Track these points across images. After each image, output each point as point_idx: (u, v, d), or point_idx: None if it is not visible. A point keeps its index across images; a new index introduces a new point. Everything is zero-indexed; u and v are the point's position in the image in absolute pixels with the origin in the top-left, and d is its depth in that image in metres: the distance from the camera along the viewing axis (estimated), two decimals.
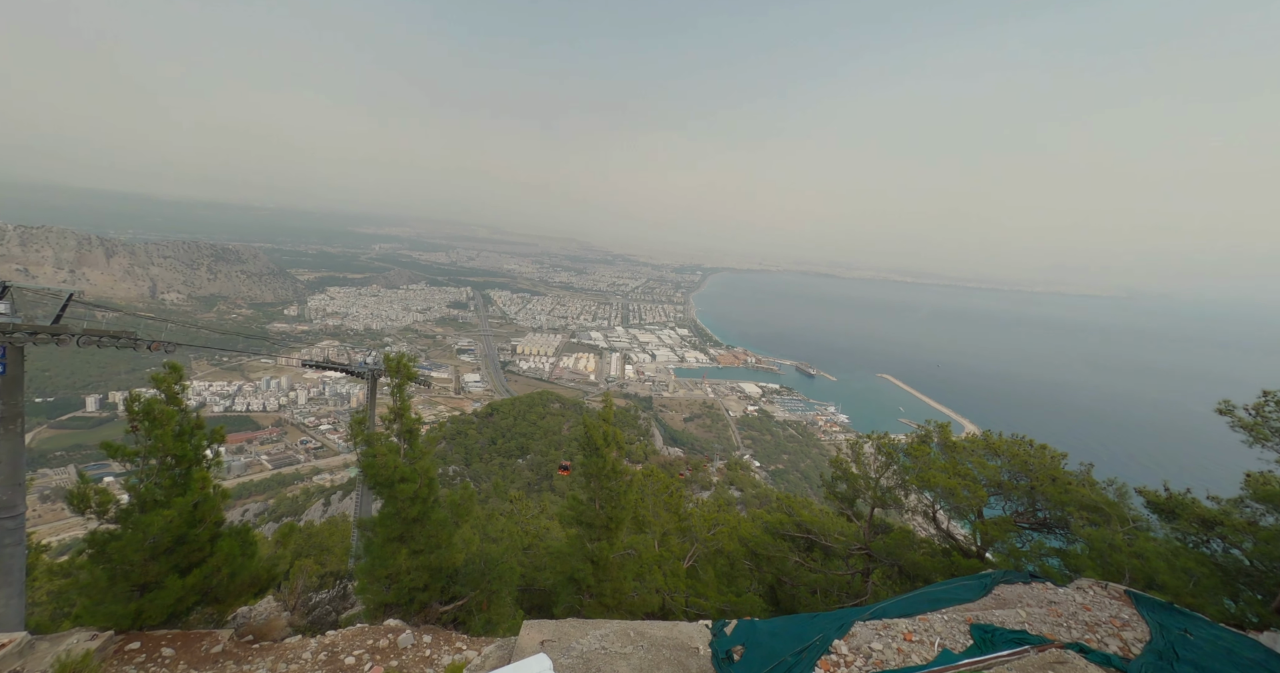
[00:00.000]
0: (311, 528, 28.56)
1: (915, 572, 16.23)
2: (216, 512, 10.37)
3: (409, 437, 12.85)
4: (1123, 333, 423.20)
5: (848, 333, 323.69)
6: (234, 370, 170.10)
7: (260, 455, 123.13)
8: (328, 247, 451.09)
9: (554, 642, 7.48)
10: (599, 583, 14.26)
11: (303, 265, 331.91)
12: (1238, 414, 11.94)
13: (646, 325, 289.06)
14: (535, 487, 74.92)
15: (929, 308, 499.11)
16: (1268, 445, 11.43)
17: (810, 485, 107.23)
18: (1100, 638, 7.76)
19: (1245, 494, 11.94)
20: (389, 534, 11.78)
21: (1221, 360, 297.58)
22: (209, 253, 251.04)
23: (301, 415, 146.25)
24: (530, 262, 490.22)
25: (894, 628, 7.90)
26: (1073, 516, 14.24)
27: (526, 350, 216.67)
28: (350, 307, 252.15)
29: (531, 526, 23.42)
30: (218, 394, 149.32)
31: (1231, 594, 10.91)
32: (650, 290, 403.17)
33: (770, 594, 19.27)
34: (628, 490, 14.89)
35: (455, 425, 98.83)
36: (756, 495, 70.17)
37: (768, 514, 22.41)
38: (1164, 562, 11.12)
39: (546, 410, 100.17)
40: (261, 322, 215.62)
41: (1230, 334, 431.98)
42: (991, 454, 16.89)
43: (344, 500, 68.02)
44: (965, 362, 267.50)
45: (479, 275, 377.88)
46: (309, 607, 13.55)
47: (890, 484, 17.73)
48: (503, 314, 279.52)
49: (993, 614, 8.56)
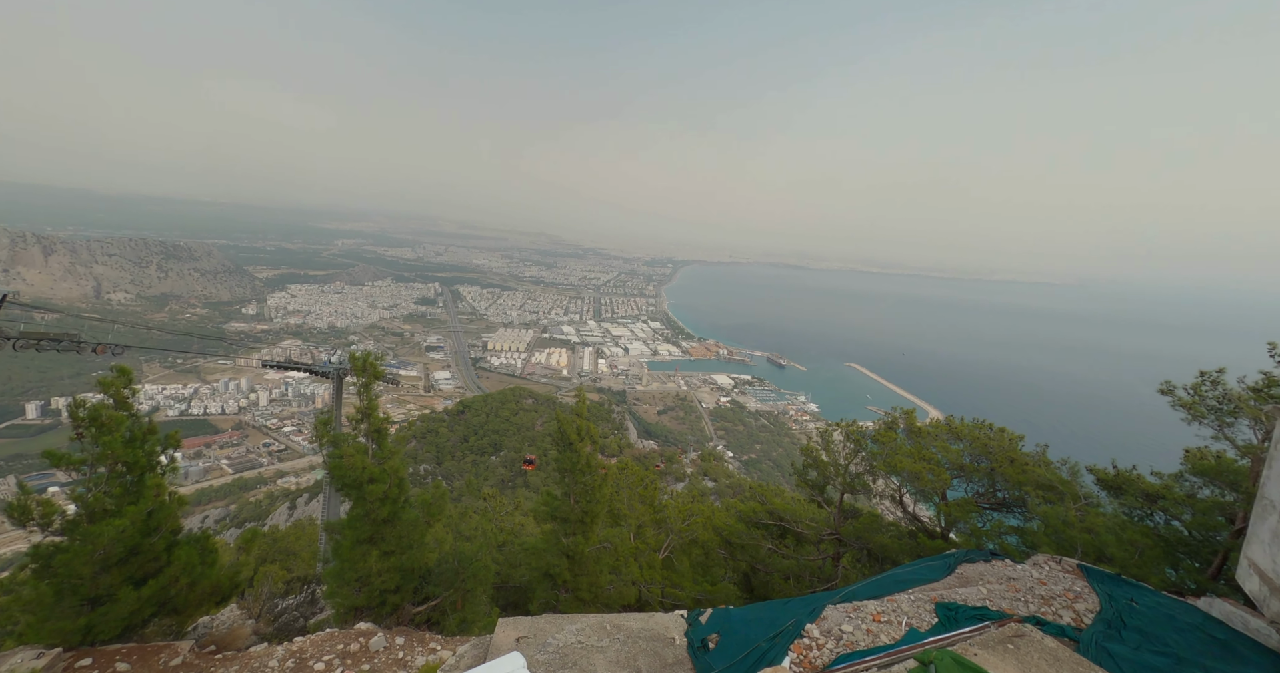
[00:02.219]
0: (277, 533, 27.71)
1: (884, 554, 16.74)
2: (173, 519, 9.95)
3: (377, 436, 12.56)
4: (1075, 318, 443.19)
5: (817, 323, 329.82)
6: (189, 373, 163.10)
7: (220, 460, 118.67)
8: (287, 243, 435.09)
9: (530, 638, 7.45)
10: (575, 578, 14.25)
11: (261, 262, 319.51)
12: (1178, 394, 12.64)
13: (619, 319, 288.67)
14: (509, 484, 74.34)
15: (894, 297, 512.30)
16: (1204, 422, 12.14)
17: (782, 474, 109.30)
18: (1055, 610, 8.15)
19: (1184, 469, 12.67)
20: (358, 536, 11.52)
21: (1164, 343, 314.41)
22: (158, 250, 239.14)
23: (263, 417, 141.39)
24: (500, 256, 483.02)
25: (863, 610, 8.12)
26: (1030, 495, 14.89)
27: (498, 346, 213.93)
28: (313, 305, 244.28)
29: (506, 522, 23.23)
30: (172, 397, 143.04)
31: (1173, 564, 11.59)
32: (622, 284, 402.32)
33: (745, 582, 19.60)
34: (602, 484, 14.89)
35: (426, 424, 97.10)
36: (730, 485, 71.15)
37: (741, 504, 22.74)
38: (1112, 536, 11.73)
39: (519, 407, 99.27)
40: (218, 321, 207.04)
41: (1172, 318, 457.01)
42: (954, 438, 17.49)
43: (311, 504, 66.16)
44: (929, 349, 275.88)
45: (447, 271, 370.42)
46: (275, 614, 13.17)
47: (859, 470, 18.20)
48: (473, 310, 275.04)
49: (956, 593, 8.89)
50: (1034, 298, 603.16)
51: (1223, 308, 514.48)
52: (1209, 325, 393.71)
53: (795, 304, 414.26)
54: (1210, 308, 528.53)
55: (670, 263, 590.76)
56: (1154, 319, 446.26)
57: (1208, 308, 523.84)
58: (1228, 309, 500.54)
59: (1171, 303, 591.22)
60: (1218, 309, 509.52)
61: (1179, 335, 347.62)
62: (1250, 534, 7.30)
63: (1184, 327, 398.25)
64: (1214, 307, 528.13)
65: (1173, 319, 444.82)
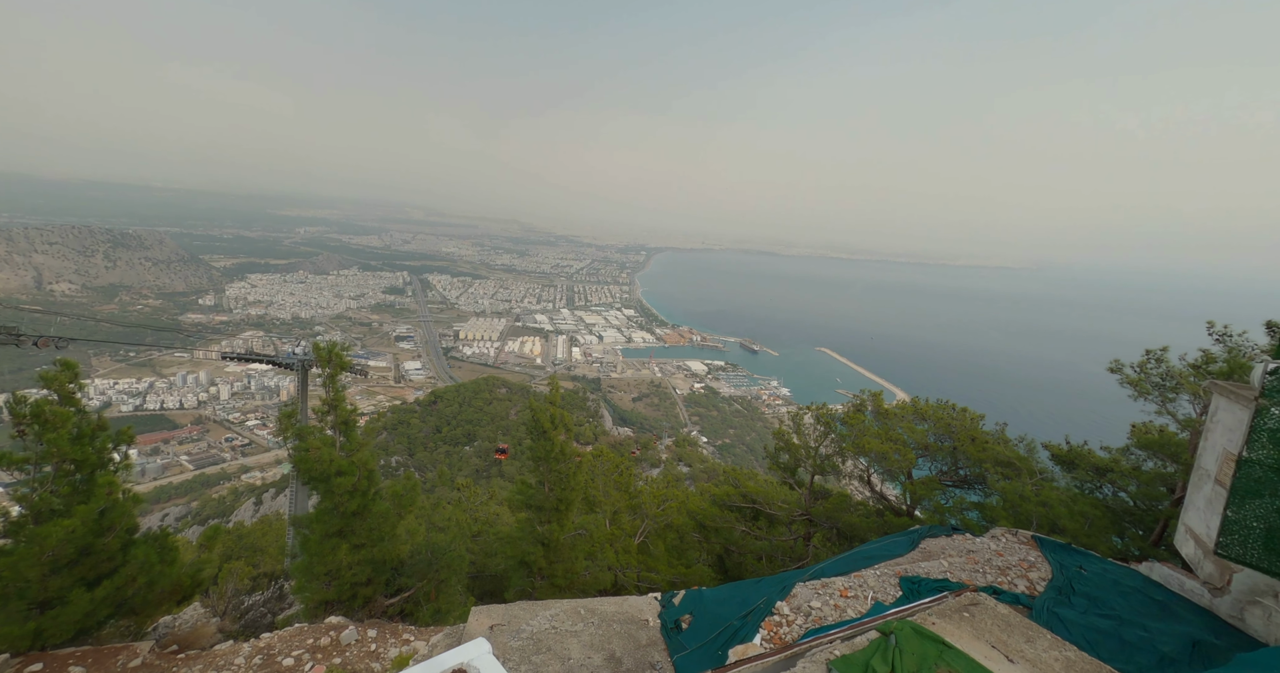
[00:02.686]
0: (242, 529, 26.98)
1: (852, 533, 17.25)
2: (128, 518, 9.55)
3: (345, 428, 12.29)
4: (1033, 301, 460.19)
5: (788, 309, 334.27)
6: (143, 366, 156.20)
7: (179, 456, 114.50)
8: (245, 230, 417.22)
9: (504, 625, 7.45)
10: (550, 565, 14.29)
11: (217, 251, 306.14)
12: (1125, 372, 13.26)
13: (592, 307, 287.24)
14: (484, 473, 73.84)
15: (862, 283, 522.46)
16: (1149, 399, 12.78)
17: (755, 457, 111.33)
18: (1010, 580, 8.54)
19: (1131, 443, 13.35)
20: (327, 530, 11.30)
21: (1114, 324, 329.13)
22: (105, 238, 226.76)
23: (225, 411, 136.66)
24: (470, 244, 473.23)
25: (831, 586, 8.36)
26: (989, 471, 15.49)
27: (470, 335, 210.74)
28: (275, 294, 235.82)
29: (480, 512, 23.09)
30: (125, 392, 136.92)
31: (1119, 532, 12.26)
32: (595, 271, 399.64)
33: (719, 564, 19.98)
34: (577, 472, 14.90)
35: (397, 415, 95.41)
36: (704, 470, 72.17)
37: (715, 487, 23.07)
38: (1065, 508, 12.32)
39: (493, 396, 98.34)
40: (173, 313, 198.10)
41: (1121, 300, 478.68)
42: (919, 419, 18.03)
43: (278, 499, 64.59)
44: (896, 333, 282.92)
45: (416, 259, 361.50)
46: (241, 611, 12.86)
47: (829, 452, 18.64)
48: (443, 299, 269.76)
49: (919, 566, 9.23)
50: (994, 282, 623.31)
51: (1167, 292, 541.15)
52: (1154, 307, 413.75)
53: (767, 290, 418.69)
54: (1155, 291, 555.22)
55: (644, 250, 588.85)
56: (1104, 301, 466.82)
57: (1153, 291, 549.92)
58: (1172, 293, 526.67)
59: (1120, 286, 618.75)
60: (1162, 293, 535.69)
61: (1124, 316, 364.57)
62: (1187, 502, 7.75)
63: (1132, 308, 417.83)
64: (1159, 290, 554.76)
65: (1122, 301, 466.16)
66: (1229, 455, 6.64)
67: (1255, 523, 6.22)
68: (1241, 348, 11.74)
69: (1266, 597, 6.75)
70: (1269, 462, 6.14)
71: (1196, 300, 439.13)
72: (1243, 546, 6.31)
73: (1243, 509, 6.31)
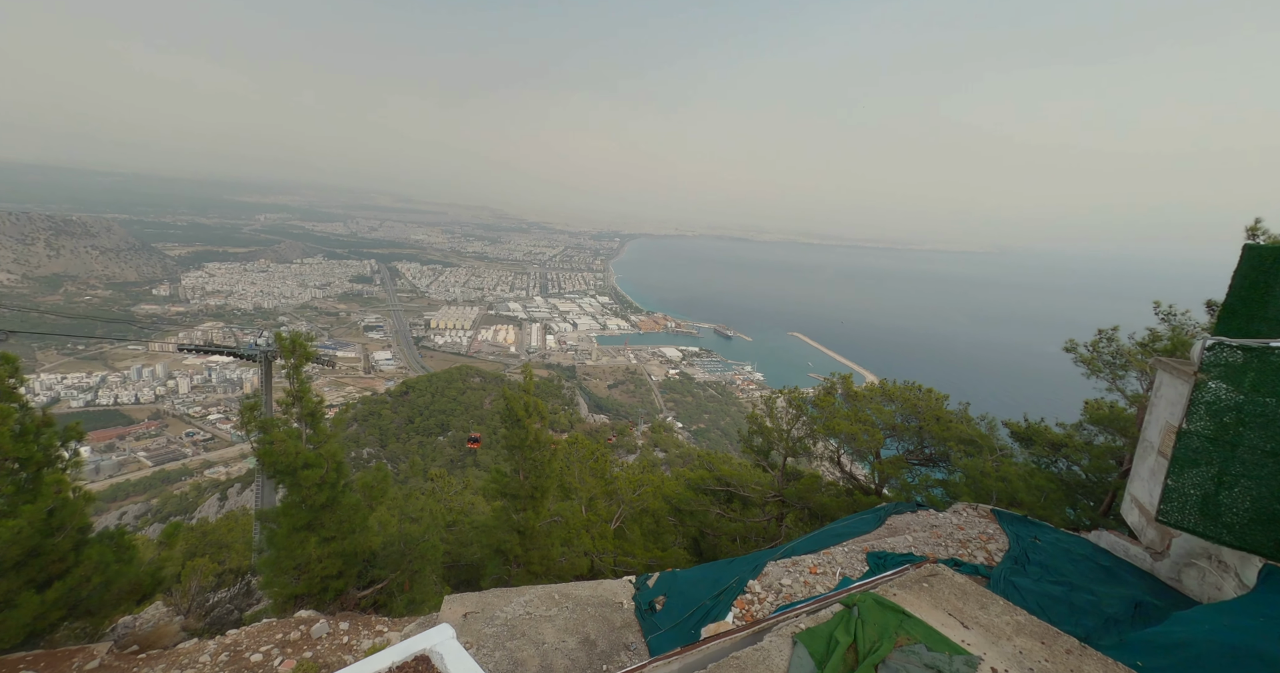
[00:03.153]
0: (206, 525, 26.23)
1: (823, 512, 17.70)
2: (79, 517, 9.16)
3: (311, 420, 11.99)
4: (994, 283, 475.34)
5: (761, 294, 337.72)
6: (94, 360, 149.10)
7: (137, 452, 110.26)
8: (201, 217, 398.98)
9: (477, 613, 7.44)
10: (526, 552, 14.32)
11: (171, 239, 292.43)
12: (1079, 351, 13.82)
13: (566, 294, 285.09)
14: (458, 463, 73.22)
15: (833, 268, 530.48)
16: (1101, 376, 13.37)
17: (730, 441, 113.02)
18: (971, 552, 8.91)
19: (1084, 419, 13.97)
20: (295, 523, 11.06)
21: (1070, 305, 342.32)
22: (46, 226, 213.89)
23: (185, 405, 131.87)
24: (440, 231, 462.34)
25: (801, 564, 8.59)
26: (953, 449, 16.02)
27: (441, 325, 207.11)
28: (235, 284, 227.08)
29: (455, 502, 22.95)
30: (75, 387, 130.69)
31: (1071, 504, 12.87)
32: (569, 259, 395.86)
33: (694, 546, 20.31)
34: (552, 459, 14.90)
35: (367, 406, 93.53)
36: (680, 455, 72.97)
37: (690, 472, 23.36)
38: (1022, 482, 12.86)
39: (466, 385, 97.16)
40: (125, 304, 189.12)
41: (1076, 283, 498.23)
42: (887, 400, 18.51)
43: (244, 493, 62.92)
44: (865, 316, 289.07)
45: (384, 247, 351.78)
46: (206, 608, 12.54)
47: (800, 434, 19.01)
48: (413, 287, 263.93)
49: (885, 542, 9.54)
50: (958, 265, 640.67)
51: (1117, 275, 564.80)
52: (1107, 289, 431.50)
53: (740, 276, 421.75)
54: (1107, 275, 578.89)
55: (617, 237, 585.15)
56: (1059, 284, 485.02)
57: (1105, 275, 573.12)
58: (1124, 276, 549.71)
59: (1076, 270, 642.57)
60: (1113, 276, 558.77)
61: (1079, 297, 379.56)
62: (1133, 473, 8.17)
63: (1083, 289, 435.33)
64: (1110, 274, 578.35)
65: (1074, 284, 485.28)
66: (1170, 428, 7.01)
67: (1193, 491, 6.59)
68: (1185, 326, 12.35)
69: (1201, 559, 7.19)
70: (1206, 433, 6.50)
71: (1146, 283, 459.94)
72: (1181, 512, 6.69)
73: (1182, 478, 6.67)
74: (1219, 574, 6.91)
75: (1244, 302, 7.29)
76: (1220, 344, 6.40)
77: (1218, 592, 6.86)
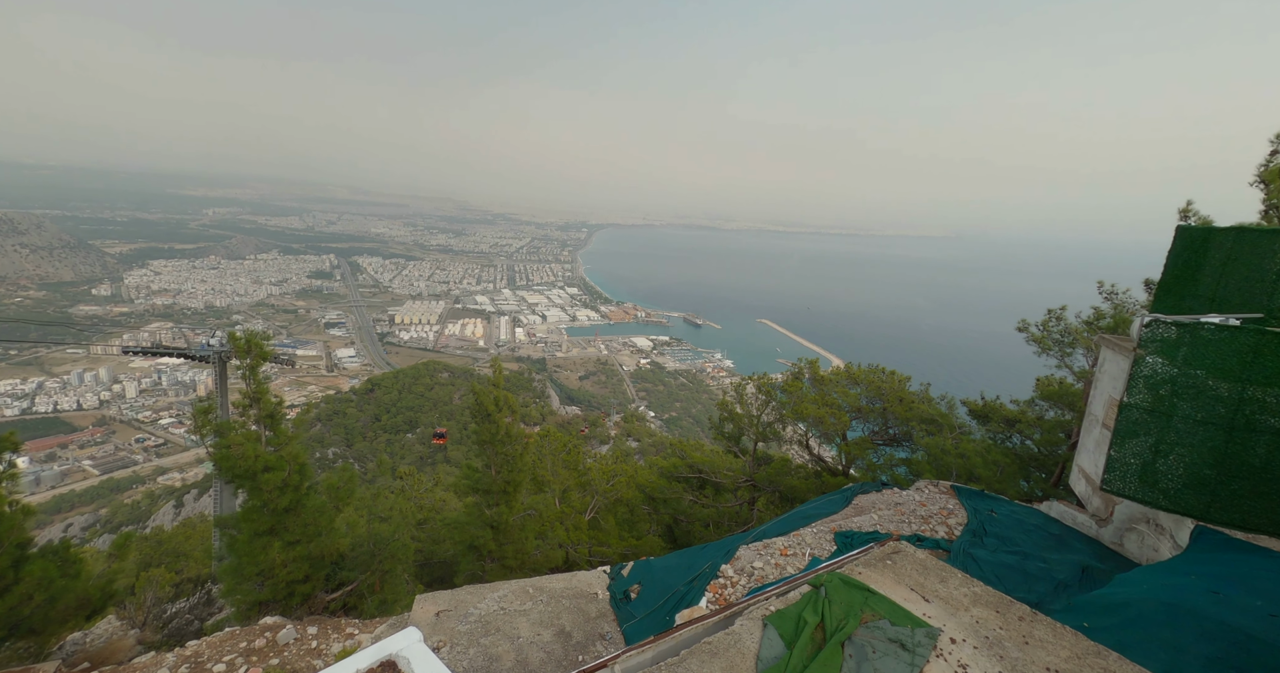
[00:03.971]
0: (162, 534, 25.14)
1: (793, 495, 18.11)
2: (17, 532, 8.64)
3: (270, 421, 11.56)
4: (952, 266, 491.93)
5: (729, 283, 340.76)
6: (29, 365, 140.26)
7: (81, 461, 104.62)
8: (143, 212, 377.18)
9: (450, 611, 7.35)
10: (500, 547, 14.22)
11: (111, 236, 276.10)
12: (1031, 330, 14.43)
13: (534, 286, 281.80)
14: (428, 460, 72.05)
15: (799, 255, 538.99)
16: (1050, 354, 14.00)
17: (701, 429, 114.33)
18: (932, 527, 9.25)
19: (1036, 395, 14.64)
20: (256, 529, 10.69)
21: (1023, 286, 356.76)
22: None
23: (133, 411, 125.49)
24: (402, 224, 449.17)
25: (772, 547, 8.76)
26: (916, 429, 16.59)
27: (406, 320, 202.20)
28: (184, 282, 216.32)
29: (426, 499, 22.57)
30: (8, 395, 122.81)
31: (1025, 477, 13.51)
32: (536, 250, 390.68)
33: (668, 533, 20.54)
34: (524, 453, 14.77)
35: (331, 405, 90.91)
36: (653, 444, 73.49)
37: (663, 460, 23.54)
38: (980, 458, 13.41)
39: (434, 381, 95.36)
40: (61, 305, 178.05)
41: (1029, 264, 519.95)
42: (852, 383, 18.98)
43: (201, 500, 60.56)
44: (831, 302, 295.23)
45: (343, 241, 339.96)
46: (164, 620, 12.05)
47: (770, 419, 19.35)
48: (375, 282, 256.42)
49: (852, 521, 9.82)
50: (918, 249, 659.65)
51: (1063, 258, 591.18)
52: (1056, 270, 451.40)
53: (709, 264, 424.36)
54: (1054, 257, 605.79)
55: (585, 227, 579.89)
56: (1013, 266, 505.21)
57: (1052, 258, 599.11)
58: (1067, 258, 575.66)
59: (1026, 253, 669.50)
60: (1066, 258, 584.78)
61: (1031, 279, 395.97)
62: (1080, 445, 8.60)
63: (1035, 271, 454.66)
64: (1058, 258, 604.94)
65: (1026, 266, 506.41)
66: (1113, 401, 7.39)
67: (1133, 460, 6.98)
68: (1126, 304, 13.02)
69: (1140, 523, 7.65)
70: (1144, 405, 6.88)
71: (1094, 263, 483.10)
72: (1123, 480, 7.08)
73: (1123, 448, 7.06)
74: (1156, 537, 7.37)
75: (1177, 280, 7.72)
76: (1156, 321, 6.76)
77: (1155, 553, 7.32)
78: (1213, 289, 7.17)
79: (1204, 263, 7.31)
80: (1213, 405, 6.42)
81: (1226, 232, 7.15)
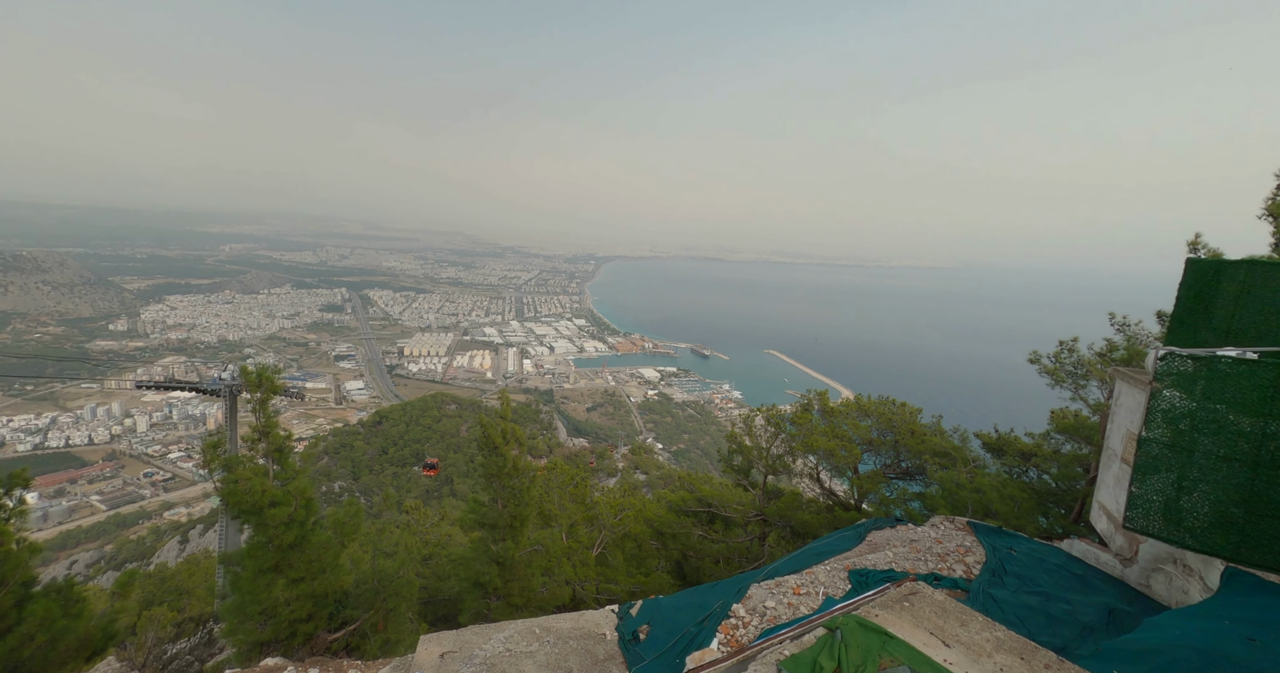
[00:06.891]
0: (166, 571, 24.84)
1: (804, 530, 17.67)
2: (23, 570, 8.61)
3: (278, 456, 11.58)
4: (958, 298, 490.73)
5: (736, 313, 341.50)
6: (44, 400, 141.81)
7: (90, 496, 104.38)
8: (162, 249, 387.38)
9: (455, 652, 7.16)
10: (506, 583, 13.90)
11: (130, 272, 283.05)
12: (1043, 362, 14.29)
13: (542, 318, 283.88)
14: (434, 494, 71.23)
15: (805, 285, 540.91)
16: (1064, 386, 13.82)
17: (710, 461, 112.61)
18: (949, 566, 8.97)
19: (1051, 428, 14.37)
20: (261, 565, 10.57)
21: (1033, 318, 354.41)
22: None
23: (143, 445, 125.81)
24: (412, 258, 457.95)
25: (785, 585, 8.52)
26: (928, 462, 16.27)
27: (415, 352, 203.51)
28: (198, 317, 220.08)
29: (431, 534, 22.25)
30: (22, 430, 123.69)
31: (1044, 512, 13.13)
32: (544, 282, 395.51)
33: (677, 570, 20.01)
34: (530, 487, 14.60)
35: (339, 438, 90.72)
36: (661, 477, 72.36)
37: (671, 493, 23.15)
38: (996, 493, 13.09)
39: (442, 413, 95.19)
40: (79, 340, 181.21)
41: (1038, 297, 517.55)
42: (863, 415, 18.75)
43: (206, 535, 59.93)
44: (839, 332, 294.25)
45: (354, 275, 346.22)
46: (164, 661, 11.79)
47: (780, 452, 19.06)
48: (385, 315, 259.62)
49: (866, 559, 9.55)
50: (925, 280, 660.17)
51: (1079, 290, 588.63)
52: (1066, 302, 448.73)
53: (716, 295, 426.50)
54: (1063, 289, 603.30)
55: (592, 259, 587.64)
56: (1021, 298, 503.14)
57: (1061, 289, 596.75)
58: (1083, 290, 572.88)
59: (1036, 285, 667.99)
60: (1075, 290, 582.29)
61: (1041, 311, 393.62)
62: (1099, 481, 8.40)
63: (1045, 303, 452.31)
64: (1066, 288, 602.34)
65: (1036, 298, 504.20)
66: (1131, 435, 7.26)
67: (1155, 496, 6.80)
68: (1139, 336, 12.91)
69: (1167, 564, 7.39)
70: (1164, 440, 6.75)
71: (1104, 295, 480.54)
72: (1146, 518, 6.88)
73: (1145, 485, 6.89)
74: (1185, 578, 7.11)
75: (1190, 312, 7.68)
76: (1171, 354, 6.70)
77: (1184, 596, 7.04)
78: (1227, 322, 7.11)
79: (1217, 295, 7.28)
80: (1235, 441, 6.28)
81: (1238, 264, 7.14)
